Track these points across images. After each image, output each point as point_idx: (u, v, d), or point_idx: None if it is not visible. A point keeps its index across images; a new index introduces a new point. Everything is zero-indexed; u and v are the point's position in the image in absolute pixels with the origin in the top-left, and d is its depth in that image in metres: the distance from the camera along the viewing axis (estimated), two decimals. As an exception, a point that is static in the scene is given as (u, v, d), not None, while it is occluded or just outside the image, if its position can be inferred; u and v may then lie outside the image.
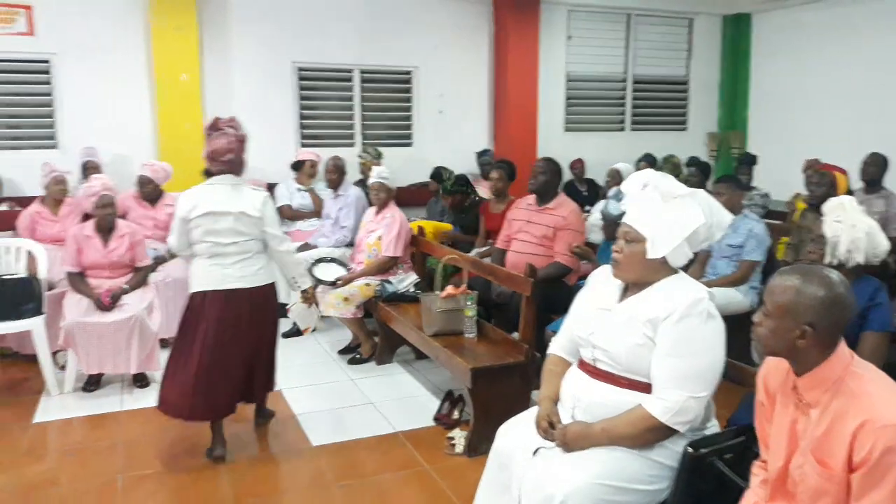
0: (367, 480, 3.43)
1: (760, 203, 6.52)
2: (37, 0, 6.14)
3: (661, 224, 2.25)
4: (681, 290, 2.23)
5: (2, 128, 6.37)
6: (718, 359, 2.22)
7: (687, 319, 2.17)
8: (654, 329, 2.20)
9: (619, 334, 2.26)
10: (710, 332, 2.21)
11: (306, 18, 7.00)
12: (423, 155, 7.45)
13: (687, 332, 2.17)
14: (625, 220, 2.34)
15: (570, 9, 8.07)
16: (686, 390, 2.16)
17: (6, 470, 3.53)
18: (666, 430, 2.18)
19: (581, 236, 4.53)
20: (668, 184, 2.32)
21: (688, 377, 2.17)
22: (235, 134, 3.54)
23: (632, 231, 2.29)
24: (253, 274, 3.56)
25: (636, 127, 8.66)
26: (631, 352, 2.23)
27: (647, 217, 2.28)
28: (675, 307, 2.18)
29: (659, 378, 2.19)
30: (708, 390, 2.21)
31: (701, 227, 2.25)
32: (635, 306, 2.27)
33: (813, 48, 7.87)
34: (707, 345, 2.20)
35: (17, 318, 4.42)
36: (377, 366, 4.97)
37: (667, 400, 2.16)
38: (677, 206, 2.28)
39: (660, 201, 2.29)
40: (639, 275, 2.30)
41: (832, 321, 1.75)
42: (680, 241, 2.24)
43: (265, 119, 6.93)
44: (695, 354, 2.17)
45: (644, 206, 2.31)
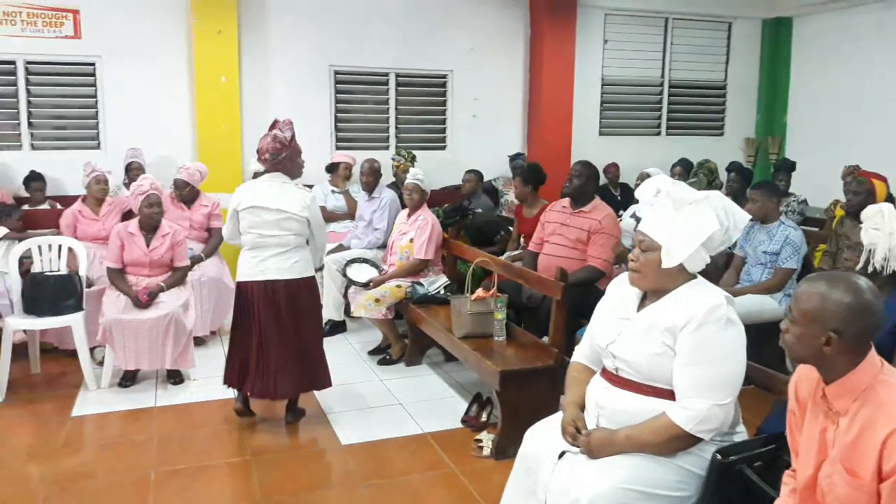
0: (395, 481, 3.45)
1: (798, 210, 6.41)
2: (84, 4, 6.32)
3: (675, 231, 2.23)
4: (698, 297, 2.21)
5: (48, 128, 6.55)
6: (740, 364, 2.20)
7: (705, 327, 2.15)
8: (673, 338, 2.19)
9: (639, 344, 2.24)
10: (729, 338, 2.18)
11: (344, 23, 7.08)
12: (457, 158, 7.47)
13: (706, 340, 2.15)
14: (639, 228, 2.34)
15: (607, 13, 8.02)
16: (709, 398, 2.13)
17: (45, 461, 3.63)
18: (691, 438, 2.16)
19: (616, 241, 4.49)
20: (679, 190, 2.30)
21: (710, 385, 2.14)
22: (277, 136, 3.76)
23: (647, 239, 2.28)
24: (289, 267, 3.80)
25: (672, 132, 8.57)
26: (651, 361, 2.22)
27: (660, 224, 2.27)
28: (693, 315, 2.16)
29: (681, 387, 2.17)
30: (731, 396, 2.18)
31: (716, 232, 2.23)
32: (654, 315, 2.26)
33: (854, 52, 7.71)
34: (728, 351, 2.17)
35: (58, 314, 4.53)
36: (406, 367, 4.99)
37: (690, 409, 2.14)
38: (691, 213, 2.25)
39: (672, 208, 2.28)
40: (656, 283, 2.28)
41: (859, 328, 1.72)
42: (695, 247, 2.21)
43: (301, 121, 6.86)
44: (716, 362, 2.15)
45: (657, 213, 2.30)
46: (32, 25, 6.21)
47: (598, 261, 4.37)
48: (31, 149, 6.44)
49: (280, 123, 3.81)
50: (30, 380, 4.73)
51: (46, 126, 6.55)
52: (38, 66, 6.37)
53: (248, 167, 6.65)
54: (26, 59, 6.31)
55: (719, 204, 2.30)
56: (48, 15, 6.25)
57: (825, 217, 6.20)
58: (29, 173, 6.06)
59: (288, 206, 3.76)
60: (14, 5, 6.14)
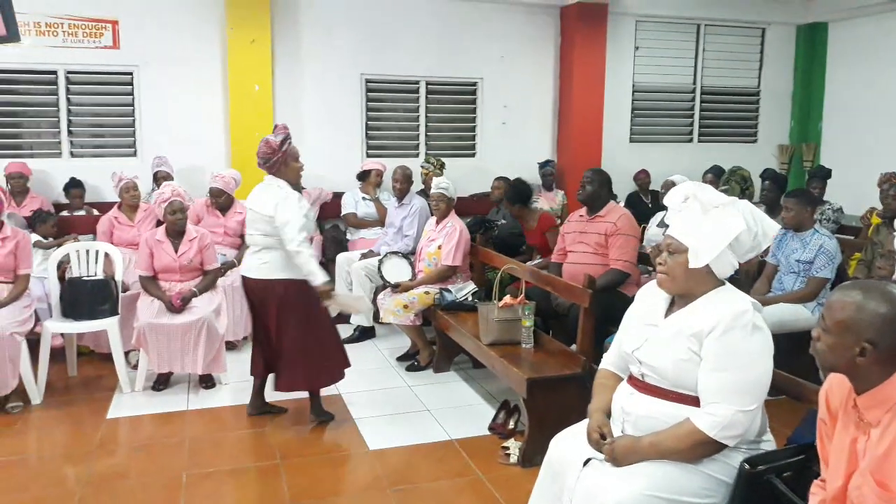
0: (422, 486, 3.46)
1: (833, 218, 6.31)
2: (122, 14, 6.47)
3: (702, 233, 2.24)
4: (725, 303, 2.21)
5: (87, 136, 6.71)
6: (766, 370, 2.19)
7: (731, 332, 2.15)
8: (699, 343, 2.18)
9: (665, 350, 2.25)
10: (755, 344, 2.17)
11: (375, 31, 7.14)
12: (486, 165, 7.48)
13: (732, 346, 2.14)
14: (667, 232, 2.35)
15: (639, 19, 7.98)
16: (734, 404, 2.12)
17: (80, 462, 3.71)
18: (715, 444, 2.15)
19: (635, 241, 4.49)
20: (707, 194, 2.31)
21: (735, 391, 2.13)
22: (269, 140, 3.88)
23: (674, 242, 2.30)
24: (257, 266, 3.93)
25: (704, 139, 8.48)
26: (677, 367, 2.21)
27: (688, 228, 2.28)
28: (719, 320, 2.16)
29: (706, 392, 2.16)
30: (756, 403, 2.17)
31: (743, 233, 2.23)
32: (681, 321, 2.26)
33: (892, 58, 7.56)
34: (753, 357, 2.17)
35: (94, 318, 4.63)
36: (434, 373, 5.01)
37: (715, 415, 2.13)
38: (718, 215, 2.26)
39: (700, 212, 2.29)
40: (684, 286, 2.29)
41: (894, 339, 1.69)
42: (722, 248, 2.22)
43: (333, 129, 7.10)
44: (741, 368, 2.14)
45: (685, 217, 2.32)
46: (73, 36, 6.37)
47: (619, 263, 4.37)
48: (71, 156, 6.59)
49: (277, 128, 3.94)
50: (67, 382, 4.84)
51: (85, 134, 6.70)
52: (78, 75, 6.53)
53: (279, 174, 6.73)
54: (67, 70, 6.47)
55: (747, 209, 2.30)
56: (88, 26, 6.41)
57: (860, 225, 6.09)
58: (69, 180, 6.21)
59: (260, 207, 3.88)
60: (56, 17, 6.31)
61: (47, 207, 6.02)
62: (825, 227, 4.97)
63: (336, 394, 4.61)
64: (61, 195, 6.29)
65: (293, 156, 3.95)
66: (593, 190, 4.57)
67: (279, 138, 3.86)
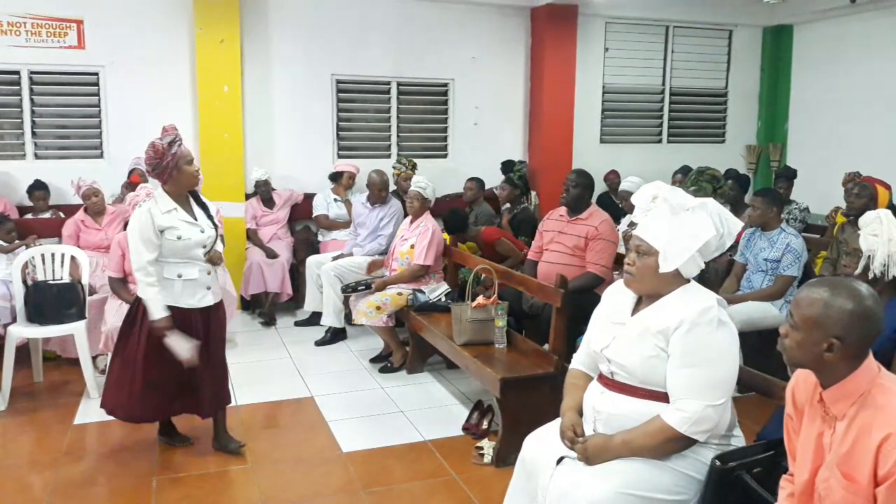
0: (395, 488, 3.45)
1: (800, 217, 6.42)
2: (87, 14, 6.36)
3: (672, 237, 2.27)
4: (690, 300, 2.25)
5: (52, 138, 6.59)
6: (733, 365, 2.23)
7: (697, 328, 2.18)
8: (665, 340, 2.22)
9: (632, 347, 2.27)
10: (721, 339, 2.21)
11: (346, 32, 7.11)
12: (458, 166, 7.49)
13: (698, 341, 2.18)
14: (636, 232, 2.37)
15: (608, 21, 8.05)
16: (703, 399, 2.16)
17: (47, 469, 3.63)
18: (686, 440, 2.18)
19: (614, 247, 4.51)
20: (677, 196, 2.33)
21: (703, 386, 2.17)
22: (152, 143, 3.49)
23: (643, 244, 2.32)
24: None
25: (673, 139, 8.58)
26: (645, 364, 2.24)
27: (658, 230, 2.30)
28: (685, 317, 2.19)
29: (675, 389, 2.20)
30: (725, 397, 2.20)
31: (712, 238, 2.26)
32: (647, 318, 2.29)
33: (855, 60, 7.72)
34: (720, 352, 2.20)
35: (61, 323, 4.55)
36: (408, 374, 5.00)
37: (684, 410, 2.16)
38: (688, 219, 2.29)
39: (669, 214, 2.31)
40: (651, 286, 2.32)
41: (861, 334, 1.73)
42: (691, 253, 2.25)
43: (304, 130, 7.06)
44: (708, 363, 2.18)
45: (654, 218, 2.34)
46: (37, 35, 6.25)
47: (596, 267, 4.39)
48: (35, 158, 6.47)
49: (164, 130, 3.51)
50: (32, 388, 4.74)
51: (50, 136, 6.58)
52: (42, 75, 6.41)
53: (250, 175, 6.68)
54: (30, 69, 6.34)
55: (715, 210, 2.33)
56: (52, 25, 6.29)
57: (826, 224, 6.20)
58: (33, 182, 6.09)
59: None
60: (19, 16, 6.19)
61: (10, 210, 5.90)
62: (792, 227, 5.05)
63: (308, 396, 4.58)
64: (25, 198, 6.17)
65: (185, 159, 3.48)
66: (578, 193, 4.58)
67: (167, 140, 3.44)
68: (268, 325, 6.23)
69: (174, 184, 3.50)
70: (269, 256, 6.32)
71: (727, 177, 6.60)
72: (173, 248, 3.45)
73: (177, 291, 3.48)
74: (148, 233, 3.38)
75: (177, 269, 3.49)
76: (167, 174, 3.46)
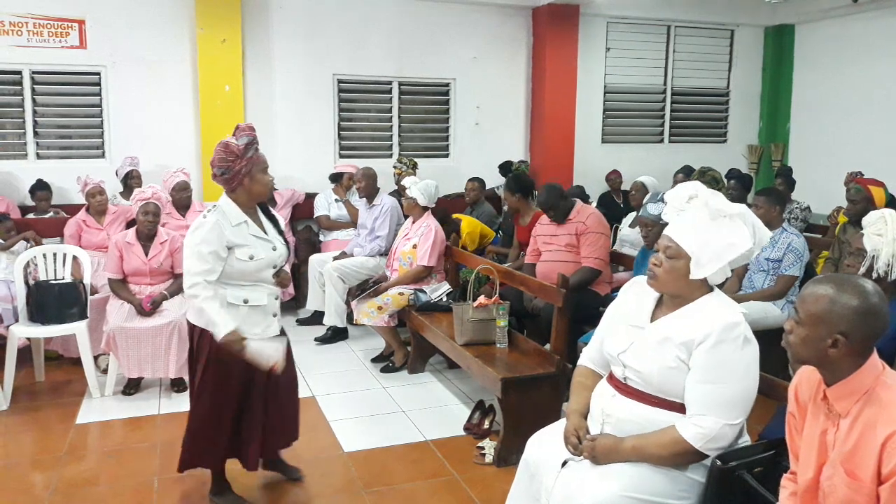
0: (397, 488, 3.45)
1: (801, 217, 6.41)
2: (89, 14, 6.37)
3: (708, 244, 2.17)
4: (716, 313, 2.16)
5: (54, 138, 6.59)
6: (753, 384, 2.17)
7: (723, 345, 2.11)
8: (687, 353, 2.14)
9: (652, 356, 2.20)
10: (746, 357, 2.14)
11: (347, 32, 7.11)
12: (460, 166, 7.49)
13: (722, 358, 2.11)
14: (667, 232, 2.26)
15: (610, 21, 8.05)
16: (721, 417, 2.10)
17: (49, 468, 3.63)
18: (698, 454, 2.14)
19: (605, 238, 4.54)
20: (718, 201, 2.23)
21: (723, 404, 2.11)
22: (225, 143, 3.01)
23: (674, 246, 2.21)
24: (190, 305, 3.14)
25: (675, 139, 8.58)
26: (663, 374, 2.18)
27: (692, 234, 2.20)
28: (711, 331, 2.11)
29: (693, 403, 2.14)
30: (743, 416, 2.16)
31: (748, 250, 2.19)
32: (669, 327, 2.21)
33: (857, 59, 7.72)
34: (744, 371, 2.14)
35: (62, 322, 4.55)
36: (409, 374, 4.99)
37: (701, 427, 2.11)
38: (726, 227, 2.20)
39: (707, 219, 2.21)
40: (676, 290, 2.24)
41: (865, 331, 1.72)
42: (725, 262, 2.17)
43: (305, 130, 7.07)
44: (731, 381, 2.12)
45: (690, 221, 2.23)
46: (38, 35, 6.27)
47: (591, 260, 4.43)
48: (37, 158, 6.48)
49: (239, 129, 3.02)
50: (34, 387, 4.74)
51: (51, 136, 6.59)
52: (43, 75, 6.42)
53: (251, 176, 6.67)
54: (32, 69, 6.36)
55: (751, 220, 2.25)
56: (54, 25, 6.30)
57: (828, 224, 6.19)
58: (35, 182, 6.10)
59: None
60: (20, 16, 6.20)
61: (12, 210, 5.90)
62: (793, 226, 5.04)
63: (310, 396, 4.58)
64: (27, 197, 6.17)
65: (261, 166, 3.03)
66: (550, 205, 4.66)
67: (243, 141, 2.96)
68: (269, 325, 6.22)
69: (245, 193, 3.02)
70: (271, 256, 6.31)
71: (730, 177, 6.62)
72: (242, 270, 2.98)
73: (240, 320, 2.95)
74: (215, 246, 2.90)
75: (243, 294, 3.00)
76: (237, 181, 2.98)
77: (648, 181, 6.44)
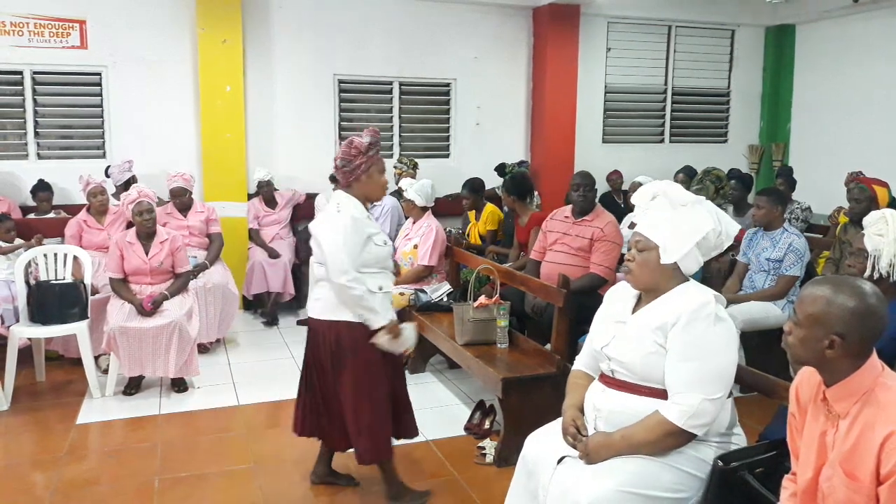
0: (398, 488, 3.44)
1: (802, 217, 6.41)
2: (90, 14, 6.37)
3: (673, 232, 2.31)
4: (688, 297, 2.27)
5: (55, 138, 6.60)
6: (731, 360, 2.24)
7: (694, 323, 2.20)
8: (664, 336, 2.24)
9: (632, 345, 2.29)
10: (719, 334, 2.22)
11: (348, 32, 7.11)
12: (460, 166, 7.48)
13: (696, 336, 2.20)
14: (636, 230, 2.40)
15: (610, 21, 8.05)
16: (701, 393, 2.17)
17: (49, 468, 3.64)
18: (685, 434, 2.18)
19: (618, 249, 4.49)
20: (676, 191, 2.38)
21: (701, 380, 2.18)
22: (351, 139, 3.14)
23: (643, 240, 2.35)
24: (311, 303, 3.24)
25: (675, 139, 8.57)
26: (644, 361, 2.26)
27: (657, 224, 2.35)
28: (682, 312, 2.22)
29: (673, 383, 2.21)
30: (723, 391, 2.21)
31: (710, 232, 2.31)
32: (646, 315, 2.31)
33: (858, 59, 7.71)
34: (717, 346, 2.22)
35: (63, 322, 4.55)
36: (410, 374, 4.97)
37: (682, 404, 2.17)
38: (687, 213, 2.34)
39: (669, 208, 2.36)
40: (651, 281, 2.34)
41: (862, 332, 1.73)
42: (691, 245, 2.29)
43: (306, 130, 7.07)
44: (706, 357, 2.19)
45: (654, 214, 2.38)
46: (39, 36, 6.26)
47: (600, 268, 4.37)
48: (38, 158, 6.48)
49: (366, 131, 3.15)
50: (35, 387, 4.75)
51: (53, 136, 6.59)
52: (44, 76, 6.42)
53: (252, 176, 6.69)
54: (33, 70, 6.35)
55: (712, 209, 2.39)
56: (55, 25, 6.30)
57: (829, 224, 6.19)
58: (36, 183, 6.10)
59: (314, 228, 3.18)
60: (21, 16, 6.20)
61: (14, 210, 5.91)
62: (794, 226, 5.04)
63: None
64: (28, 198, 6.17)
65: (379, 166, 3.15)
66: (592, 196, 4.59)
67: (367, 140, 3.10)
68: (270, 325, 6.24)
69: (360, 188, 3.13)
70: (272, 256, 6.33)
71: (730, 177, 6.61)
72: (378, 256, 3.10)
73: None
74: (360, 236, 3.02)
75: (377, 281, 3.09)
76: (354, 176, 3.10)
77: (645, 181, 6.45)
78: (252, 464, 3.68)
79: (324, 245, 3.02)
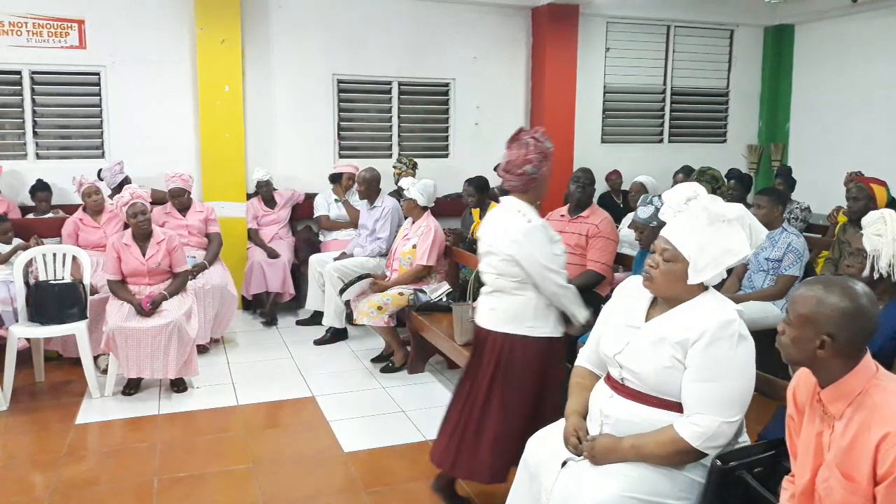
0: (397, 488, 3.45)
1: (801, 217, 6.41)
2: (88, 14, 6.36)
3: (705, 250, 2.16)
4: (710, 311, 2.16)
5: (53, 138, 6.59)
6: (750, 381, 2.16)
7: (718, 343, 2.10)
8: (683, 352, 2.14)
9: (647, 356, 2.20)
10: (741, 355, 2.13)
11: (347, 32, 7.11)
12: (459, 166, 7.48)
13: (718, 356, 2.10)
14: (664, 234, 2.24)
15: (609, 21, 8.05)
16: (719, 415, 2.10)
17: (48, 469, 3.64)
18: (697, 453, 2.14)
19: (614, 245, 4.50)
20: (717, 205, 2.20)
21: (721, 402, 2.11)
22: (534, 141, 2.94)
23: (671, 249, 2.20)
24: (484, 312, 3.09)
25: (674, 139, 8.58)
26: (659, 374, 2.18)
27: (690, 238, 2.18)
28: (706, 329, 2.11)
29: (690, 402, 2.13)
30: (740, 414, 2.15)
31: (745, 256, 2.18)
32: (664, 326, 2.21)
33: (857, 59, 7.72)
34: (739, 368, 2.13)
35: (62, 322, 4.55)
36: (409, 374, 4.99)
37: (699, 425, 2.11)
38: (724, 232, 2.18)
39: (705, 223, 2.19)
40: (672, 293, 2.24)
41: (853, 332, 1.73)
42: (722, 269, 2.17)
43: (305, 130, 7.06)
44: (726, 379, 2.11)
45: (688, 224, 2.21)
46: (38, 35, 6.26)
47: (597, 265, 4.38)
48: (37, 158, 6.48)
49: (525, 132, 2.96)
50: (34, 388, 4.75)
51: (51, 136, 6.59)
52: (43, 75, 6.41)
53: (251, 176, 6.68)
54: (32, 69, 6.35)
55: (746, 221, 2.23)
56: (54, 25, 6.29)
57: (828, 224, 6.20)
58: (35, 183, 6.09)
59: (493, 237, 3.01)
60: (20, 16, 6.19)
61: (12, 210, 5.90)
62: (793, 226, 5.05)
63: (310, 396, 4.58)
64: (27, 197, 6.17)
65: (550, 169, 3.02)
66: (591, 190, 4.59)
67: (550, 145, 2.93)
68: (269, 325, 6.24)
69: (534, 193, 3.00)
70: (271, 256, 6.32)
71: (730, 177, 6.61)
72: (560, 263, 2.99)
73: (553, 319, 3.01)
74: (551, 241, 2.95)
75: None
76: (536, 182, 2.97)
77: (647, 181, 6.45)
78: (251, 464, 3.68)
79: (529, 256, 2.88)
